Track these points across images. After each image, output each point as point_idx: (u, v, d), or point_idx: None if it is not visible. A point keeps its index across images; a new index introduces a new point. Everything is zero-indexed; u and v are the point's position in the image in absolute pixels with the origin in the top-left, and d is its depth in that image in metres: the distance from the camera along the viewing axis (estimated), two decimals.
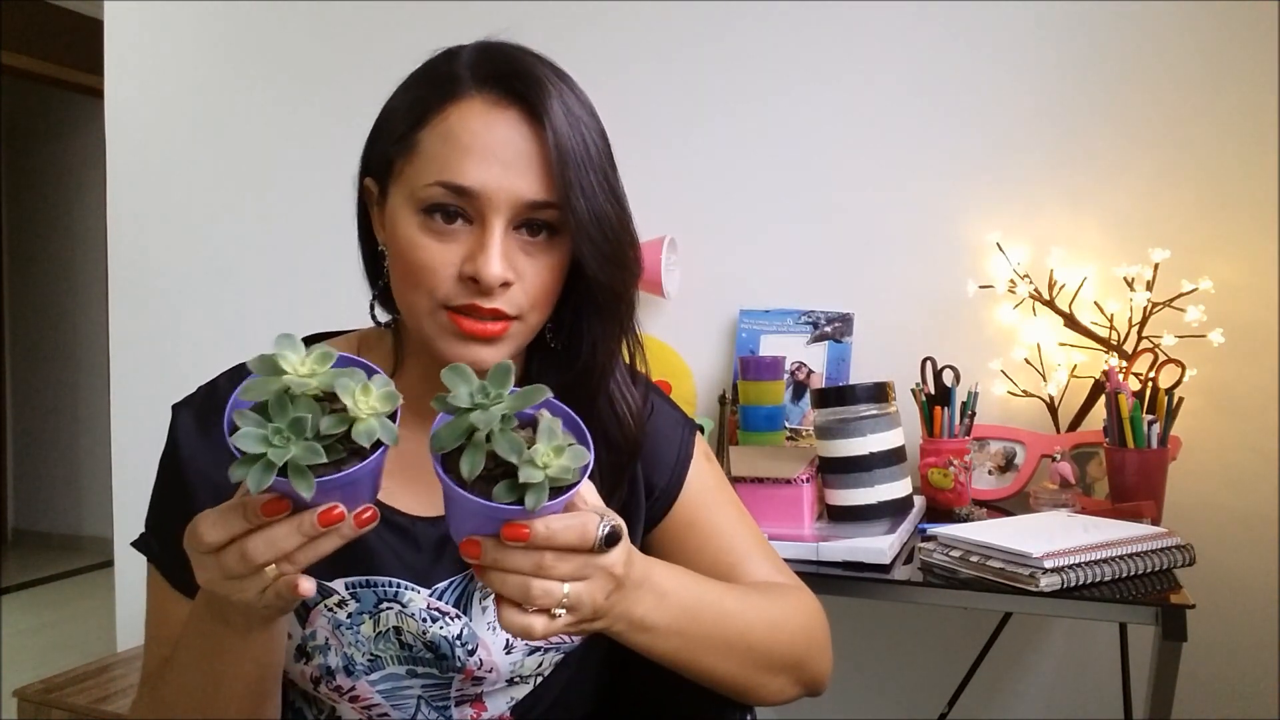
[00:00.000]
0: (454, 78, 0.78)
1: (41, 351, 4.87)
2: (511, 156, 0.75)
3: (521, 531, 0.60)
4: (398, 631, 0.82)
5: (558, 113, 0.76)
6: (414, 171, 0.77)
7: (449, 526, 0.65)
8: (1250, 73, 1.62)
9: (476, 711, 0.87)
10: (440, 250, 0.76)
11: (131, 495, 2.40)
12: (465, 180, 0.74)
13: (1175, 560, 1.20)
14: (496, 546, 0.62)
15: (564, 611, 0.64)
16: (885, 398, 1.39)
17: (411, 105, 0.79)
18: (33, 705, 1.81)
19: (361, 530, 0.62)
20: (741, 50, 1.90)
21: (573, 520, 0.62)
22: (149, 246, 2.39)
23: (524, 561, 0.62)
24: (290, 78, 2.25)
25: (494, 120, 0.76)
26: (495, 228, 0.75)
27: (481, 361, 0.77)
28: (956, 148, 1.77)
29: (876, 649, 1.86)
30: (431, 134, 0.76)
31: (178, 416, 0.83)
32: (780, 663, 0.85)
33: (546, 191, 0.76)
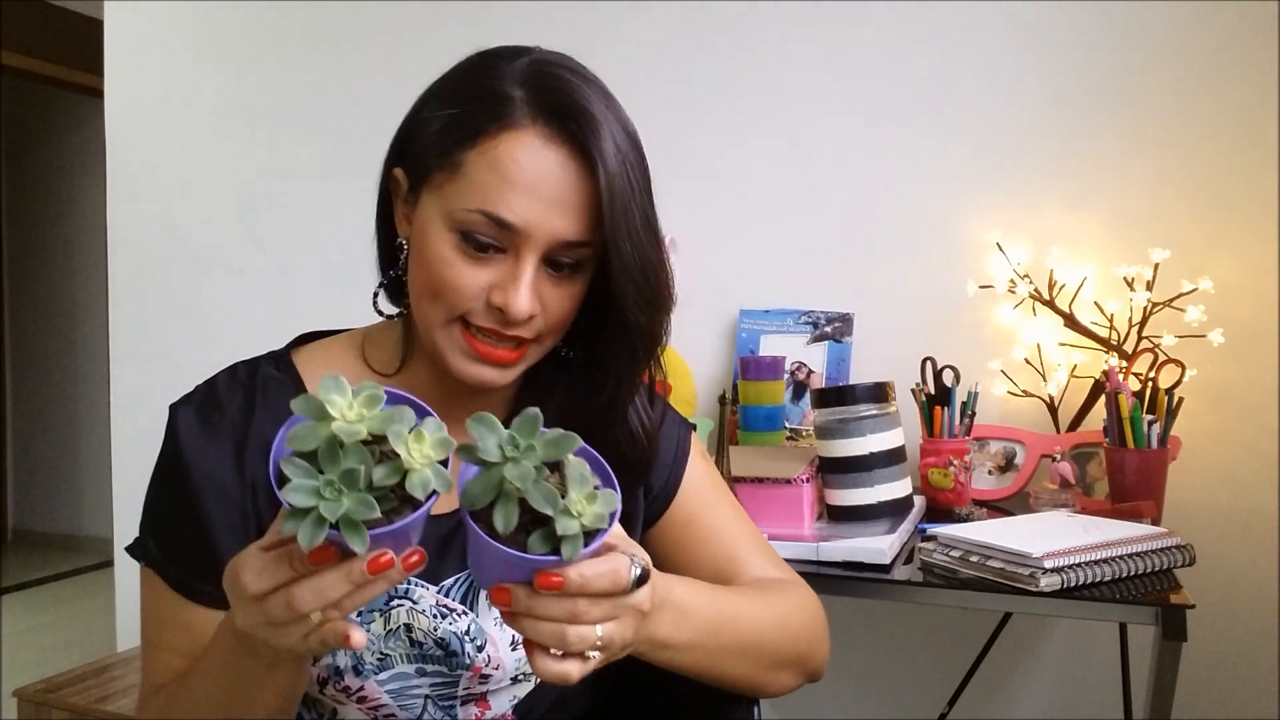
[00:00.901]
0: (507, 100, 0.75)
1: (41, 351, 4.87)
2: (556, 195, 0.75)
3: (556, 581, 0.60)
4: (408, 629, 0.82)
5: (610, 155, 0.75)
6: (455, 191, 0.76)
7: (474, 570, 0.64)
8: (1250, 73, 1.62)
9: (481, 710, 0.87)
10: (470, 273, 0.76)
11: (131, 495, 2.40)
12: (509, 215, 0.74)
13: (1175, 560, 1.20)
14: (530, 595, 0.61)
15: (597, 653, 0.64)
16: (885, 398, 1.39)
17: (459, 120, 0.76)
18: (33, 705, 1.81)
19: (409, 574, 0.62)
20: (742, 51, 1.90)
21: (605, 566, 0.62)
22: (149, 246, 2.39)
23: (559, 610, 0.62)
24: (290, 77, 2.25)
25: (545, 157, 0.75)
26: (528, 262, 0.76)
27: (489, 382, 0.79)
28: (957, 148, 1.77)
29: (876, 649, 1.86)
30: (480, 158, 0.75)
31: (176, 416, 0.82)
32: (788, 659, 0.87)
33: (584, 232, 0.76)
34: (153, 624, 0.82)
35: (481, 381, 0.79)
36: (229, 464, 0.80)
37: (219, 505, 0.79)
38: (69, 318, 4.80)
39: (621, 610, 0.65)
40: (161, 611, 0.82)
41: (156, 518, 0.82)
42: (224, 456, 0.80)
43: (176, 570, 0.80)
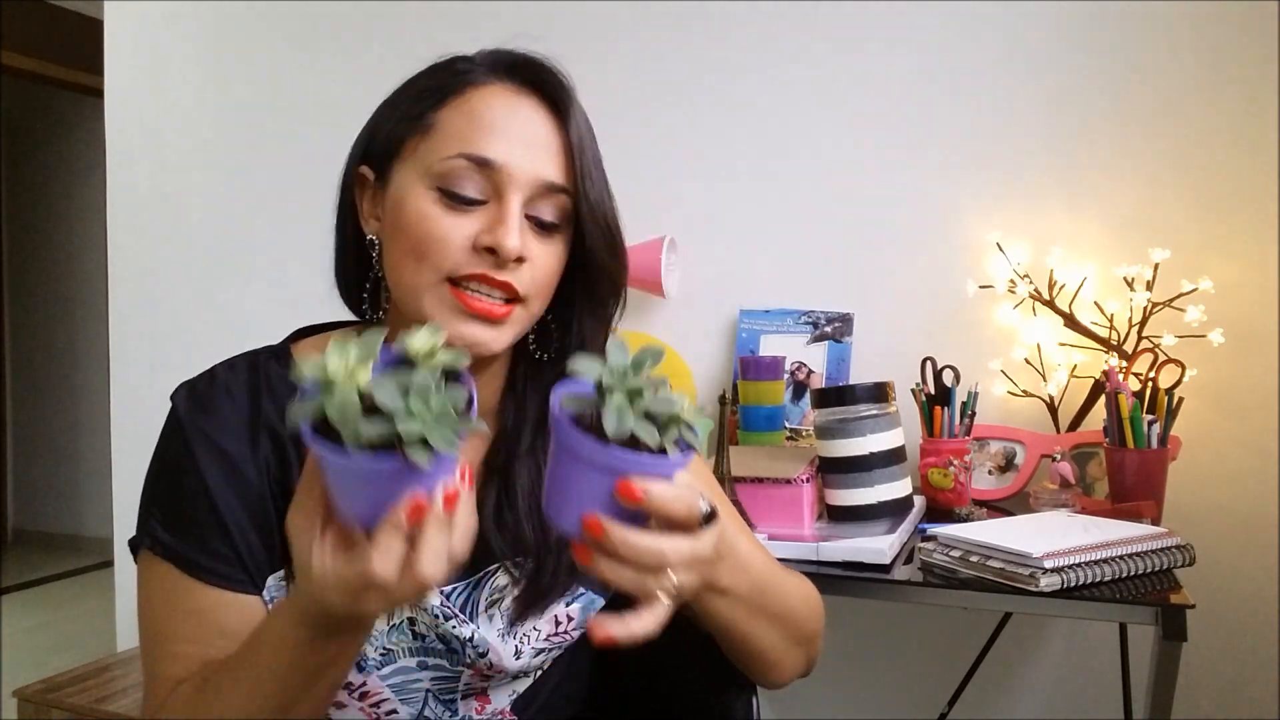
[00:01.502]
0: (469, 70, 0.80)
1: (41, 351, 4.87)
2: (533, 138, 0.78)
3: (635, 493, 0.60)
4: (411, 622, 0.82)
5: (575, 106, 0.81)
6: (431, 147, 0.77)
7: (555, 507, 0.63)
8: (1250, 73, 1.62)
9: (480, 705, 0.88)
10: (454, 223, 0.76)
11: (131, 495, 2.39)
12: (489, 153, 0.76)
13: (1175, 560, 1.20)
14: (618, 533, 0.61)
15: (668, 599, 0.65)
16: (885, 398, 1.39)
17: (425, 90, 0.80)
18: (33, 705, 1.81)
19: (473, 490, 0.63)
20: (742, 51, 1.90)
21: (683, 491, 0.63)
22: (149, 246, 2.39)
23: (648, 559, 0.62)
24: (290, 78, 2.25)
25: (517, 104, 0.79)
26: (514, 203, 0.76)
27: (482, 343, 0.77)
28: (956, 148, 1.77)
29: (876, 649, 1.86)
30: (453, 112, 0.78)
31: (177, 399, 0.81)
32: (806, 636, 0.87)
33: (563, 177, 0.78)
34: (159, 615, 0.78)
35: (475, 342, 0.77)
36: (236, 443, 0.78)
37: (228, 482, 0.77)
38: (69, 318, 4.80)
39: (694, 561, 0.65)
40: (168, 601, 0.78)
41: (162, 502, 0.79)
42: (231, 435, 0.78)
43: (186, 549, 0.77)
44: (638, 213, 0.87)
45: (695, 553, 0.65)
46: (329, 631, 0.66)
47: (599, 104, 0.90)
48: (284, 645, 0.68)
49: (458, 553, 0.61)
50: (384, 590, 0.60)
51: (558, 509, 0.63)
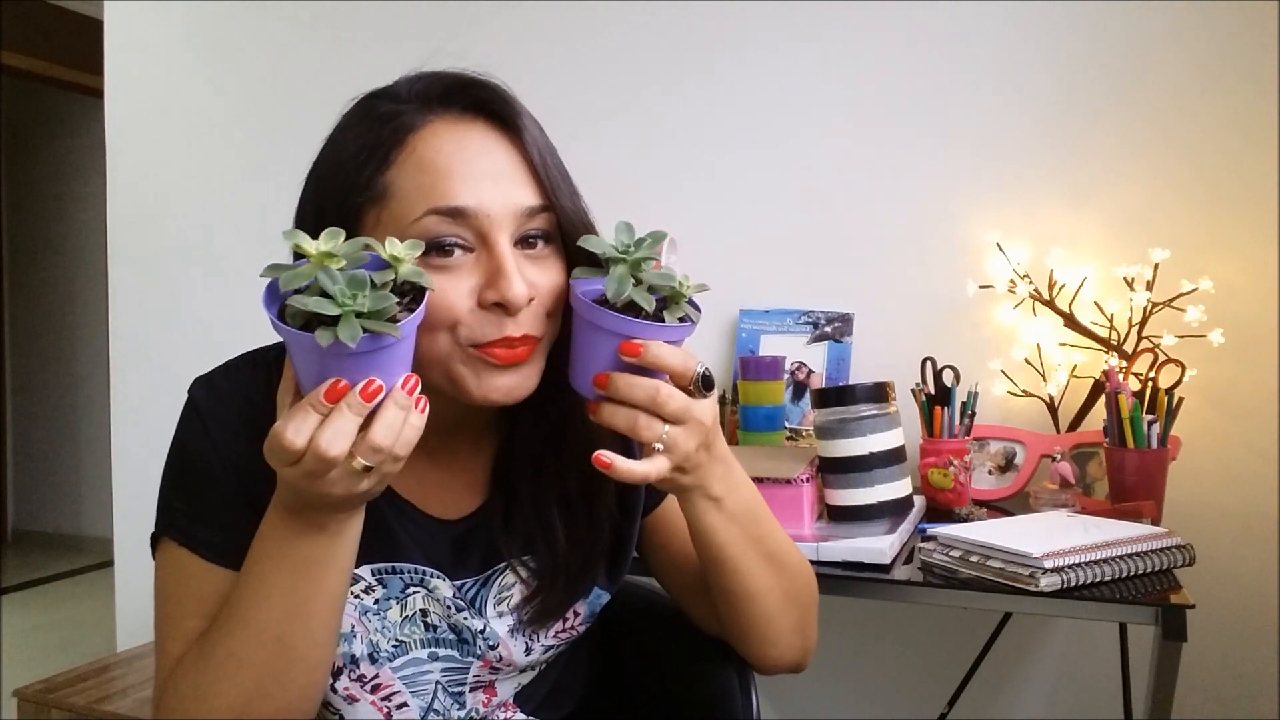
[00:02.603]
0: (400, 113, 0.75)
1: (41, 351, 4.87)
2: (495, 168, 0.74)
3: (636, 347, 0.70)
4: (424, 614, 0.83)
5: (524, 115, 0.77)
6: (394, 213, 0.72)
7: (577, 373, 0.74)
8: (1250, 73, 1.62)
9: (488, 697, 0.88)
10: (449, 284, 0.72)
11: (131, 495, 2.40)
12: (458, 201, 0.71)
13: (1175, 560, 1.20)
14: (620, 377, 0.71)
15: (662, 448, 0.72)
16: (885, 398, 1.39)
17: (364, 150, 0.74)
18: (33, 705, 1.81)
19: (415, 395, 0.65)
20: (742, 51, 1.90)
21: (680, 351, 0.72)
22: (149, 246, 2.39)
23: (640, 394, 0.71)
24: (290, 78, 2.25)
25: (465, 137, 0.74)
26: (503, 245, 0.72)
27: (513, 391, 0.75)
28: (956, 148, 1.77)
29: (876, 649, 1.86)
30: (402, 170, 0.73)
31: (194, 389, 0.80)
32: (798, 599, 0.88)
33: (540, 196, 0.75)
34: (175, 599, 0.77)
35: (509, 394, 0.75)
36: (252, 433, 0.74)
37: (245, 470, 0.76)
38: (69, 318, 4.79)
39: (688, 416, 0.72)
40: (185, 585, 0.77)
41: (182, 491, 0.78)
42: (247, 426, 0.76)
43: (207, 535, 0.76)
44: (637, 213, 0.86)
45: (688, 405, 0.72)
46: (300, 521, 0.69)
47: (598, 103, 0.90)
48: (276, 545, 0.70)
49: (379, 443, 0.64)
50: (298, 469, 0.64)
51: (577, 375, 0.74)
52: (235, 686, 0.70)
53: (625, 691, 1.04)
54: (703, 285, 0.73)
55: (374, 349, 0.62)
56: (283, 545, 0.70)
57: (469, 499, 0.86)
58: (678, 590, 0.97)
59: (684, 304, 0.73)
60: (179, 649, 0.75)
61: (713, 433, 0.76)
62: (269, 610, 0.70)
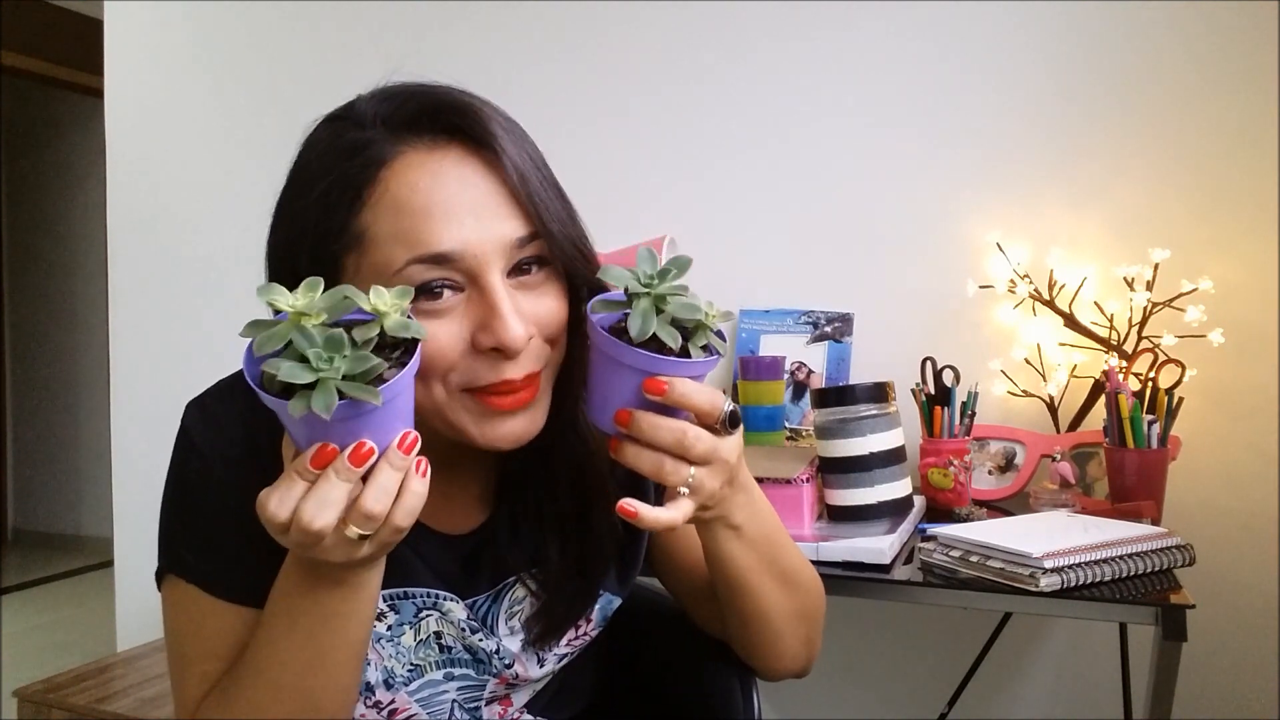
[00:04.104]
0: (370, 141, 0.69)
1: (41, 351, 4.87)
2: (476, 201, 0.68)
3: (661, 386, 0.66)
4: (438, 636, 0.81)
5: (501, 135, 0.70)
6: (373, 261, 0.68)
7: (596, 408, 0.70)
8: (1250, 73, 1.62)
9: (504, 708, 0.88)
10: (440, 329, 0.67)
11: (131, 495, 2.40)
12: (440, 246, 0.66)
13: (1175, 560, 1.20)
14: (645, 417, 0.67)
15: (688, 492, 0.69)
16: (885, 398, 1.39)
17: (334, 190, 0.69)
18: (33, 705, 1.81)
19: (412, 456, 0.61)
20: (742, 51, 1.90)
21: (706, 389, 0.68)
22: (149, 246, 2.39)
23: (667, 435, 0.67)
24: (290, 78, 2.25)
25: (440, 168, 0.68)
26: (495, 284, 0.68)
27: (519, 435, 0.72)
28: (956, 147, 1.77)
29: (876, 649, 1.86)
30: (376, 211, 0.67)
31: (185, 414, 0.77)
32: (810, 614, 0.87)
33: (527, 224, 0.70)
34: (187, 637, 0.75)
35: (518, 439, 0.72)
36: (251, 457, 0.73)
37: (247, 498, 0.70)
38: (69, 318, 4.79)
39: (715, 457, 0.69)
40: (195, 622, 0.75)
41: (183, 525, 0.76)
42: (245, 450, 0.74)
43: (212, 570, 0.74)
44: (637, 213, 0.86)
45: (715, 447, 0.69)
46: (315, 576, 0.66)
47: (598, 103, 0.90)
48: (293, 599, 0.67)
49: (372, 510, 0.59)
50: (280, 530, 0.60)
51: (595, 409, 0.70)
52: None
53: (631, 692, 1.04)
54: (728, 313, 0.69)
55: (358, 414, 0.58)
56: (300, 599, 0.67)
57: (475, 513, 0.85)
58: (683, 595, 0.96)
59: (708, 334, 0.69)
60: (198, 690, 0.74)
61: (737, 468, 0.73)
62: (290, 663, 0.68)
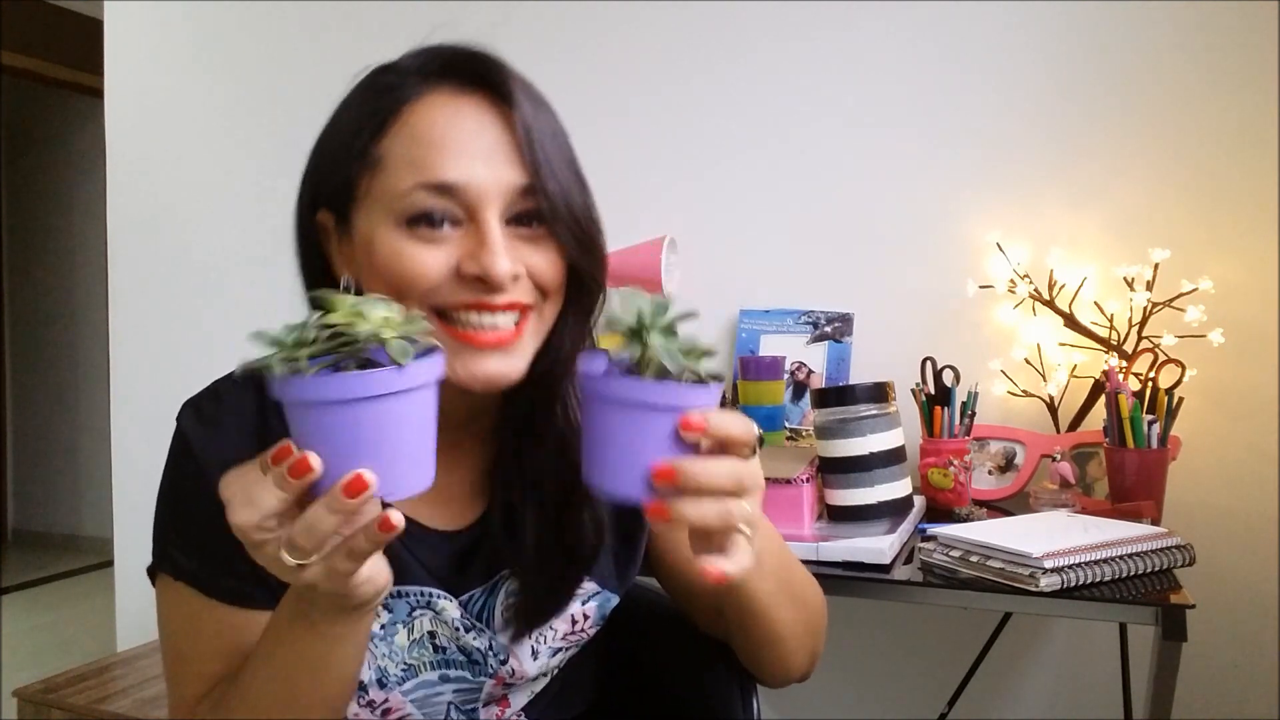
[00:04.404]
0: (402, 82, 0.74)
1: (41, 351, 4.87)
2: (488, 144, 0.71)
3: (698, 423, 0.60)
4: (432, 636, 0.81)
5: (520, 94, 0.73)
6: (384, 183, 0.71)
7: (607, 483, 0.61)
8: (1250, 73, 1.62)
9: (501, 709, 0.87)
10: (431, 255, 0.70)
11: (131, 495, 2.40)
12: (447, 175, 0.69)
13: (1175, 560, 1.20)
14: (694, 463, 0.60)
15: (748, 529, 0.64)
16: (885, 398, 1.39)
17: (361, 119, 0.74)
18: (33, 705, 1.81)
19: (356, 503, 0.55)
20: (742, 51, 1.90)
21: (735, 415, 0.63)
22: (149, 246, 2.39)
23: (726, 478, 0.61)
24: (290, 77, 2.25)
25: (459, 110, 0.72)
26: (491, 221, 0.70)
27: (494, 375, 0.72)
28: (956, 148, 1.77)
29: (876, 649, 1.86)
30: (395, 140, 0.72)
31: (182, 419, 0.78)
32: (816, 628, 0.87)
33: (530, 175, 0.72)
34: (181, 638, 0.77)
35: (489, 378, 0.72)
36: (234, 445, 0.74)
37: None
38: (69, 318, 4.80)
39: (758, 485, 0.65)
40: (189, 623, 0.76)
41: (177, 526, 0.77)
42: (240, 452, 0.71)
43: (204, 571, 0.75)
44: (637, 213, 0.86)
45: (757, 475, 0.65)
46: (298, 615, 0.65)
47: (597, 103, 0.90)
48: (277, 632, 0.67)
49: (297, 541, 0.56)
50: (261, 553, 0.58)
51: (618, 476, 0.61)
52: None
53: (632, 692, 1.04)
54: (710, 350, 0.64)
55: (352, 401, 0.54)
56: (279, 640, 0.67)
57: (470, 507, 0.84)
58: (683, 596, 0.95)
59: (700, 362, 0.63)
60: (195, 689, 0.75)
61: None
62: (269, 698, 0.68)
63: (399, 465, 0.56)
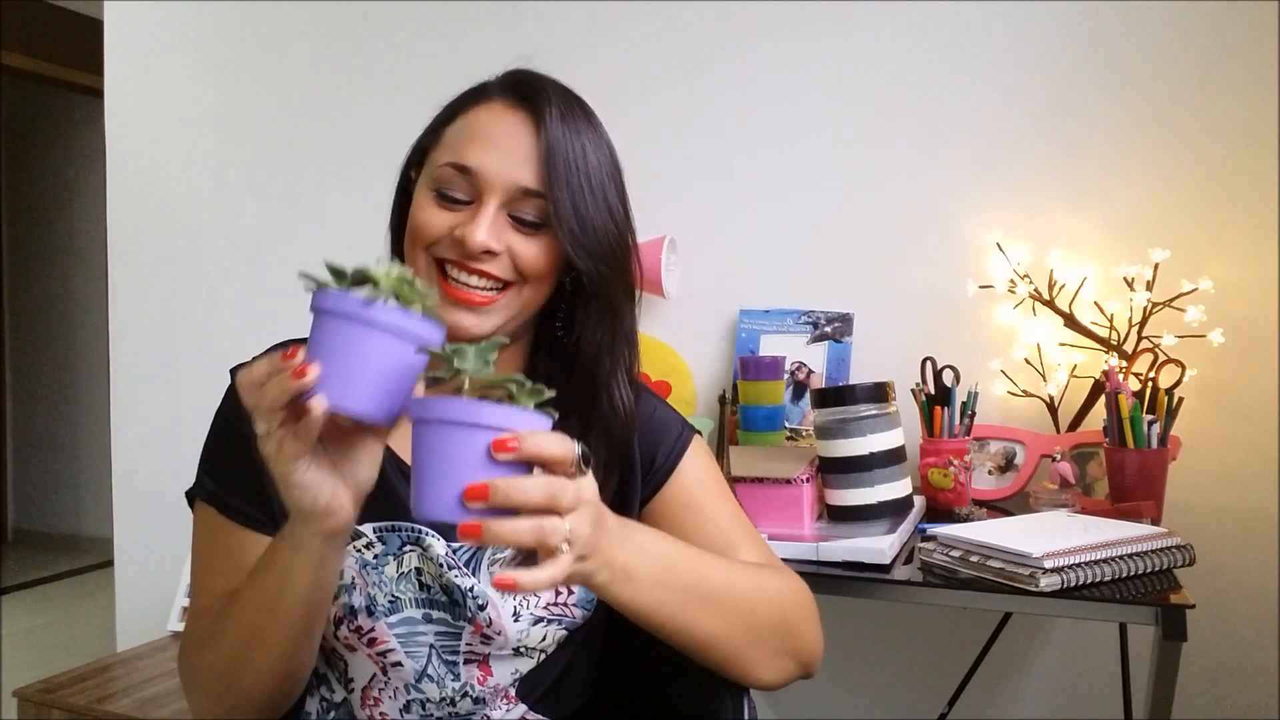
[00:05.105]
0: (485, 88, 0.92)
1: (41, 351, 4.87)
2: (512, 147, 0.86)
3: (509, 442, 0.62)
4: (418, 573, 0.89)
5: (554, 117, 0.87)
6: (436, 156, 0.89)
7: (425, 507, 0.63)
8: (1250, 73, 1.62)
9: (483, 674, 0.91)
10: (439, 215, 0.87)
11: (131, 495, 2.40)
12: (469, 161, 0.86)
13: (1175, 560, 1.20)
14: (506, 483, 0.62)
15: (568, 546, 0.65)
16: (885, 398, 1.39)
17: (446, 110, 0.92)
18: (33, 705, 1.81)
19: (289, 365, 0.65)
20: (742, 52, 1.90)
21: (553, 435, 0.65)
22: (149, 245, 2.39)
23: (538, 496, 0.63)
24: (290, 77, 2.25)
25: (504, 117, 0.88)
26: (489, 204, 0.86)
27: (465, 328, 0.86)
28: (957, 148, 1.77)
29: (876, 649, 1.86)
30: (456, 127, 0.90)
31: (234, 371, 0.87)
32: (769, 627, 0.86)
33: (539, 183, 0.86)
34: (203, 551, 0.91)
35: (457, 328, 0.85)
36: None
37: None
38: (69, 318, 4.80)
39: (580, 501, 0.66)
40: (210, 538, 0.91)
41: (212, 455, 0.92)
42: None
43: (223, 493, 0.89)
44: (638, 213, 0.88)
45: (580, 492, 0.66)
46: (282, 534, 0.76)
47: (598, 103, 0.91)
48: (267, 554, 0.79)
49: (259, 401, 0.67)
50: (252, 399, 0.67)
51: (431, 500, 0.62)
52: (216, 654, 0.83)
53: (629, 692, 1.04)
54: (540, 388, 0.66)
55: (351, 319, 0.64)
56: (269, 552, 0.79)
57: None
58: None
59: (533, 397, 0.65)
60: (205, 601, 0.89)
61: (600, 509, 0.71)
62: (250, 601, 0.80)
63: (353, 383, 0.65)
